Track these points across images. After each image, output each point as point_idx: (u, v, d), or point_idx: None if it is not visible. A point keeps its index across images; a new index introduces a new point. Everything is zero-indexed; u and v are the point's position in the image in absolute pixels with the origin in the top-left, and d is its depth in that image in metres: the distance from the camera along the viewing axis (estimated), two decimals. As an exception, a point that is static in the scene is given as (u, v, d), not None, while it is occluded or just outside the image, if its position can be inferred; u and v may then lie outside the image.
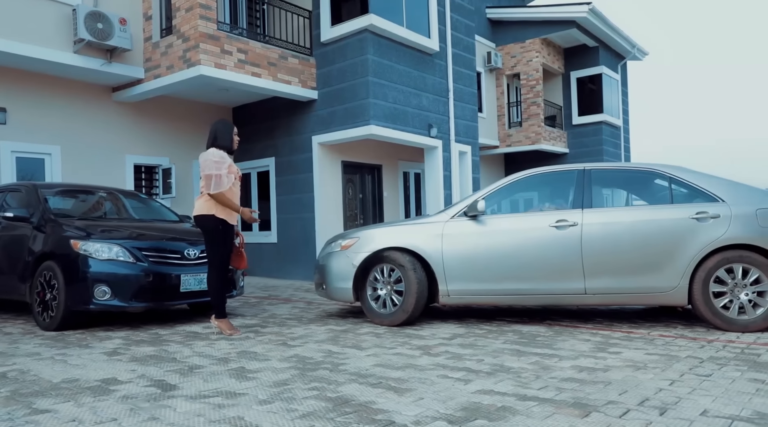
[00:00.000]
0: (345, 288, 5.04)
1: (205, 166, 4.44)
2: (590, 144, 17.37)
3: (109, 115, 9.09)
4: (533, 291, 4.67)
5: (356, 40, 9.02)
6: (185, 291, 4.98)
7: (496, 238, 4.73)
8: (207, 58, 7.84)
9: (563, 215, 4.68)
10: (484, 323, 4.95)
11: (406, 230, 4.99)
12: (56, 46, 7.65)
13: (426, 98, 10.13)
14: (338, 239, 5.32)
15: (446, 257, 4.78)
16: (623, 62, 19.00)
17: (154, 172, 9.88)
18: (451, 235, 4.81)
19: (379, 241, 4.96)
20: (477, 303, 4.95)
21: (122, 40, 8.03)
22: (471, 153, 11.40)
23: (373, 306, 4.98)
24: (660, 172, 4.78)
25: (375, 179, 11.25)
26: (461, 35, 11.30)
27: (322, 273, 5.30)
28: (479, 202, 4.76)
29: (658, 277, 4.43)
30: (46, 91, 8.27)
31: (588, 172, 4.88)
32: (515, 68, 16.78)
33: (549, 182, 5.31)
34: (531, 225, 4.71)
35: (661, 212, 4.53)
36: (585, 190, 4.78)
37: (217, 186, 4.41)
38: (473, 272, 4.73)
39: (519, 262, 4.65)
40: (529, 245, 4.65)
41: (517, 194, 5.39)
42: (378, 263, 4.97)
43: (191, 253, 5.12)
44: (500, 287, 4.71)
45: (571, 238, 4.58)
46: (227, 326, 4.58)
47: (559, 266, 4.58)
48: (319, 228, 9.67)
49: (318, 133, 9.64)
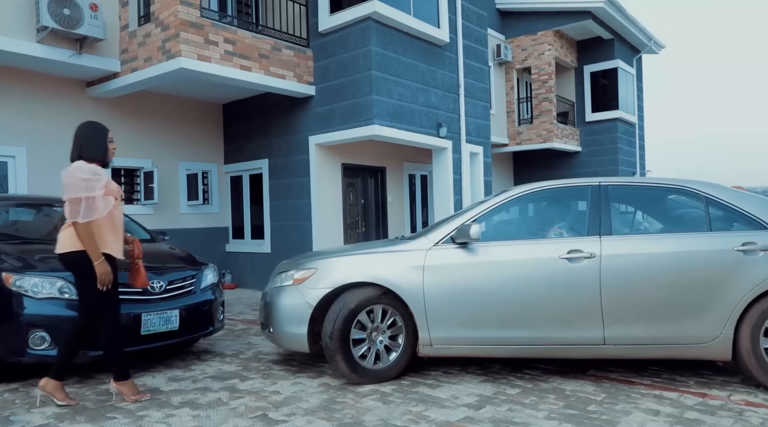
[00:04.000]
0: (297, 334, 3.90)
1: (71, 187, 3.31)
2: (604, 142, 16.41)
3: (83, 113, 8.13)
4: (538, 341, 3.73)
5: (358, 29, 8.06)
6: (147, 333, 4.06)
7: (493, 272, 3.76)
8: (188, 49, 6.90)
9: (577, 243, 3.74)
10: (514, 375, 4.03)
11: (377, 259, 3.95)
12: (16, 35, 6.70)
13: (435, 94, 9.18)
14: (290, 268, 4.19)
15: (428, 295, 3.77)
16: (638, 56, 17.99)
17: (135, 175, 8.95)
18: (435, 267, 3.80)
19: (341, 273, 3.90)
20: (468, 354, 3.94)
21: (93, 29, 7.07)
22: (483, 154, 10.45)
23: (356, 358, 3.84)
24: (692, 191, 3.86)
25: (378, 183, 10.32)
26: (473, 25, 10.33)
27: (269, 312, 4.14)
28: (472, 226, 3.73)
29: (696, 324, 3.54)
30: (8, 85, 7.32)
31: (605, 189, 3.93)
32: (526, 62, 15.79)
33: (557, 200, 4.33)
34: (536, 256, 3.75)
35: (698, 242, 3.63)
36: (602, 211, 3.84)
37: (90, 212, 3.28)
38: (463, 315, 3.76)
39: (521, 303, 3.70)
40: (533, 282, 3.70)
41: (516, 214, 4.48)
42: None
43: (156, 285, 4.20)
44: (497, 335, 3.75)
45: (587, 273, 3.65)
46: (130, 389, 3.52)
47: (572, 309, 3.66)
48: (317, 237, 8.75)
49: (315, 132, 8.70)
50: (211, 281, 4.78)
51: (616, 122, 16.18)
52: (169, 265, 4.60)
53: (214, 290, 4.75)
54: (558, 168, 16.36)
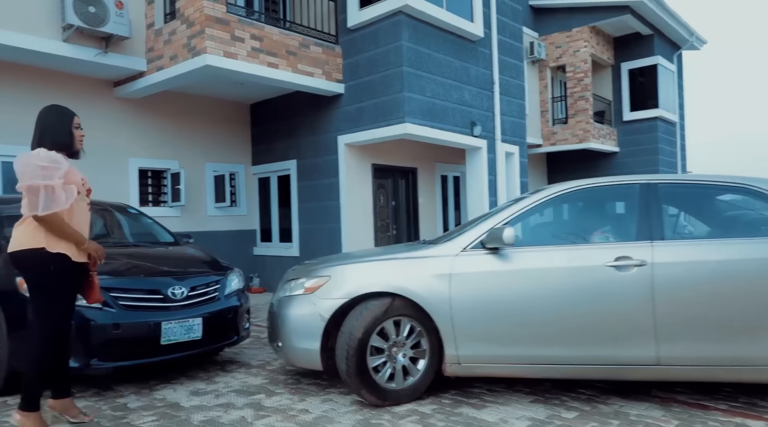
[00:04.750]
0: (308, 350, 3.51)
1: (25, 175, 2.85)
2: (644, 142, 15.71)
3: (111, 113, 8.02)
4: (580, 360, 3.29)
5: (389, 23, 7.74)
6: (168, 343, 3.79)
7: (529, 282, 3.34)
8: (214, 45, 6.67)
9: (625, 249, 3.29)
10: (568, 395, 3.62)
11: (397, 266, 3.55)
12: (42, 34, 6.58)
13: (468, 92, 8.79)
14: (301, 275, 3.78)
15: (456, 307, 3.36)
16: (679, 52, 17.22)
17: (162, 177, 8.79)
18: (464, 275, 3.40)
19: (357, 282, 3.51)
20: (500, 374, 3.49)
21: (119, 27, 6.92)
22: (519, 154, 10.01)
23: (375, 378, 3.43)
24: (756, 190, 3.39)
25: (409, 184, 9.96)
26: (507, 20, 9.91)
27: (277, 325, 3.75)
28: (505, 230, 3.30)
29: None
30: (34, 85, 7.22)
31: (654, 188, 3.48)
32: (560, 60, 15.24)
33: (599, 200, 3.84)
34: (579, 264, 3.32)
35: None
36: (653, 213, 3.39)
37: (50, 203, 2.83)
38: (495, 330, 3.34)
39: (561, 317, 3.27)
40: (575, 293, 3.27)
41: (552, 216, 4.05)
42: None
43: (177, 292, 3.93)
44: (534, 353, 3.32)
45: (638, 283, 3.21)
46: (36, 423, 2.90)
47: (619, 325, 3.22)
48: (347, 240, 8.44)
49: (344, 132, 8.40)
50: (236, 286, 4.49)
51: (656, 121, 15.49)
52: (192, 270, 4.33)
53: (239, 296, 4.46)
54: (594, 169, 15.75)
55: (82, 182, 3.10)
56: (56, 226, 2.88)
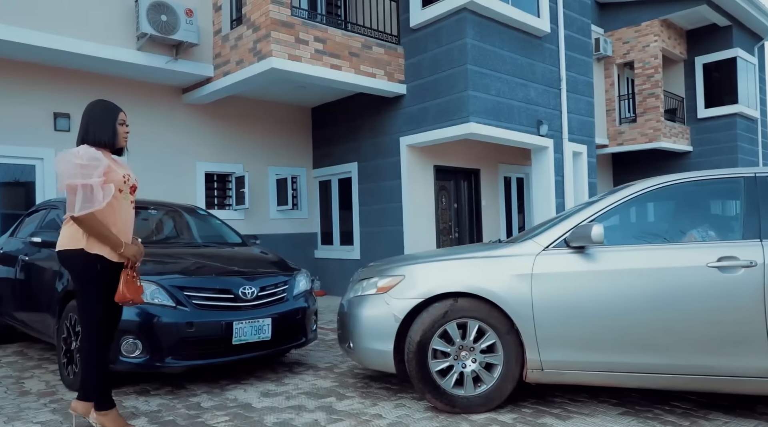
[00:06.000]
0: (381, 351, 3.39)
1: (63, 173, 2.75)
2: (721, 140, 14.72)
3: (179, 119, 8.26)
4: (678, 369, 2.99)
5: (453, 21, 7.57)
6: (239, 343, 3.77)
7: (619, 283, 3.07)
8: (279, 48, 6.73)
9: (730, 248, 2.99)
10: (660, 408, 3.32)
11: (473, 265, 3.39)
12: (118, 43, 6.85)
13: (534, 90, 8.48)
14: (373, 275, 3.67)
15: (538, 309, 3.15)
16: (761, 43, 16.08)
17: (227, 180, 8.98)
18: (547, 275, 3.18)
19: (434, 281, 3.35)
20: (587, 382, 3.22)
21: (188, 34, 7.11)
22: (587, 154, 9.58)
23: (440, 383, 3.28)
24: None
25: (472, 186, 9.73)
26: (574, 14, 9.52)
27: (348, 325, 3.64)
28: (593, 227, 3.05)
29: None
30: (109, 94, 7.52)
31: (763, 182, 3.14)
32: (628, 56, 14.54)
33: (696, 196, 3.51)
34: (676, 264, 3.02)
35: None
36: (762, 209, 3.06)
37: (87, 203, 2.72)
38: (582, 334, 3.09)
39: (655, 322, 2.98)
40: (672, 296, 2.97)
41: (641, 213, 3.72)
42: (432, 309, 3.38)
43: (248, 291, 3.91)
44: (624, 361, 3.05)
45: (746, 286, 2.89)
46: (114, 421, 2.90)
47: (724, 331, 2.91)
48: (409, 243, 8.32)
49: (406, 133, 8.30)
50: (303, 287, 4.45)
51: (735, 118, 14.50)
52: (261, 270, 4.32)
53: (307, 298, 4.41)
54: (664, 170, 14.88)
55: (125, 179, 2.95)
56: (93, 228, 2.79)
